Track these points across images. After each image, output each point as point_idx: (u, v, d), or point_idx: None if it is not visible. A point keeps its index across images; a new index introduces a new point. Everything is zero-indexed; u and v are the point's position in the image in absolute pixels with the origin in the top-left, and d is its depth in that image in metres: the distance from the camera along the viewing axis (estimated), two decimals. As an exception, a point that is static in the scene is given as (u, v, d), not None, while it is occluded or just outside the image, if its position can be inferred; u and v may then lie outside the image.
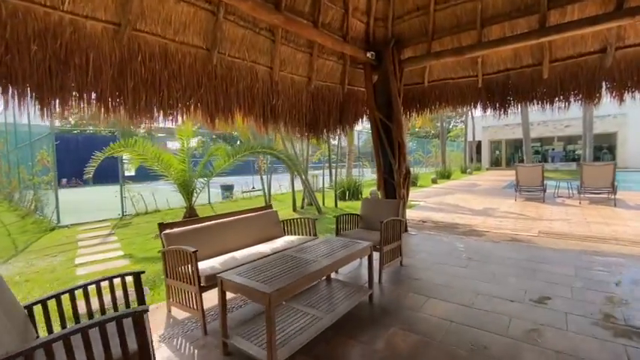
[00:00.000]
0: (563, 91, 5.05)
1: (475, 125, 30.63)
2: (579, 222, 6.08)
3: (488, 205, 8.53)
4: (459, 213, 7.59)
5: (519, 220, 6.51)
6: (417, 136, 43.10)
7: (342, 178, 11.89)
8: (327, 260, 2.57)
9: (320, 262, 2.52)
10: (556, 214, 6.97)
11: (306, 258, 2.62)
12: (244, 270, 2.38)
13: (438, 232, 5.80)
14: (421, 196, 11.18)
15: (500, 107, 5.64)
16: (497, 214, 7.22)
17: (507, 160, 31.00)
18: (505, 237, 5.26)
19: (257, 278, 2.21)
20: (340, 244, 3.02)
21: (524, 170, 9.19)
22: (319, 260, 2.56)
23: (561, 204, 8.26)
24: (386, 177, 5.69)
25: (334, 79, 5.67)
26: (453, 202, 9.30)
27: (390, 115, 5.58)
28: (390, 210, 4.06)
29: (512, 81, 5.40)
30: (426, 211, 7.95)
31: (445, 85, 6.06)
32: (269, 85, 4.56)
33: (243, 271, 2.35)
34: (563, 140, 28.20)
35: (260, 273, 2.31)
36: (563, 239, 4.99)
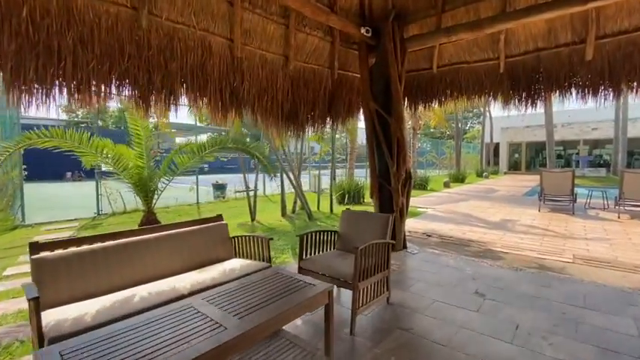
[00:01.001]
0: (613, 76, 3.89)
1: (493, 126, 28.97)
2: (623, 244, 4.87)
3: (507, 216, 7.35)
4: (471, 225, 6.46)
5: (546, 237, 5.34)
6: (431, 136, 41.65)
7: (342, 180, 10.87)
8: (239, 326, 1.57)
9: (227, 332, 1.53)
10: (591, 230, 5.75)
11: (212, 317, 1.64)
12: (94, 340, 1.42)
13: (444, 250, 4.72)
14: (430, 202, 10.03)
15: (527, 98, 4.51)
16: (517, 228, 6.05)
17: (527, 163, 29.17)
18: (529, 262, 4.15)
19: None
20: (282, 285, 2.03)
21: (550, 176, 7.94)
22: (228, 327, 1.57)
23: (595, 217, 6.99)
24: (381, 182, 4.66)
25: (320, 61, 4.67)
26: (466, 211, 8.14)
27: (388, 106, 4.54)
28: (376, 228, 3.04)
29: (544, 64, 4.27)
30: (433, 221, 6.85)
31: (458, 71, 4.96)
32: (229, 63, 3.60)
33: (92, 341, 1.40)
34: (589, 144, 26.22)
35: (113, 349, 1.35)
36: (608, 269, 3.84)
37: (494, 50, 4.52)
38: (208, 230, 3.03)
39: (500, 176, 24.93)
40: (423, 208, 8.64)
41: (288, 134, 4.56)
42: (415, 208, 8.65)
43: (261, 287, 2.04)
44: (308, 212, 7.30)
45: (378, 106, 4.58)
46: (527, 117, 28.29)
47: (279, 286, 2.01)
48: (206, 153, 4.90)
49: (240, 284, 2.11)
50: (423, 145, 34.30)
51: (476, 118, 42.22)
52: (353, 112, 5.46)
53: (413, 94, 5.49)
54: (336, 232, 3.29)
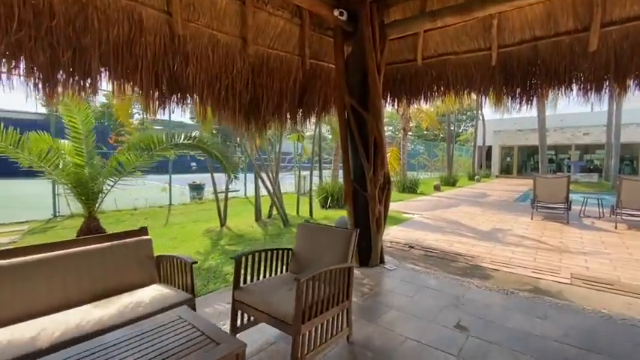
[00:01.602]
0: (619, 70, 3.37)
1: (486, 129, 28.74)
2: (623, 260, 4.37)
3: (498, 224, 6.84)
4: (460, 235, 5.92)
5: (540, 251, 4.82)
6: (425, 138, 41.44)
7: (326, 182, 10.29)
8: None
9: None
10: (588, 243, 5.25)
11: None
12: None
13: (426, 265, 4.16)
14: (418, 207, 9.50)
15: (522, 95, 3.97)
16: (509, 239, 5.53)
17: (519, 167, 28.99)
18: (522, 283, 3.60)
19: None
20: (177, 340, 1.42)
21: (544, 182, 7.46)
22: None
23: (591, 227, 6.52)
24: (356, 187, 4.08)
25: (288, 47, 4.07)
26: (455, 218, 7.61)
27: (365, 100, 3.96)
28: (337, 246, 2.45)
29: (542, 56, 3.73)
30: (418, 229, 6.30)
31: (446, 63, 4.40)
32: (167, 42, 2.98)
33: None
34: (580, 149, 26.11)
35: None
36: (610, 292, 3.31)
37: (486, 39, 3.97)
38: (125, 248, 2.40)
39: (492, 180, 24.64)
40: (409, 214, 8.10)
41: (249, 130, 3.95)
42: (401, 214, 8.11)
43: (154, 340, 1.43)
44: (283, 217, 6.69)
45: (353, 101, 4.00)
46: (519, 120, 28.16)
47: (173, 343, 1.40)
48: (156, 151, 4.26)
49: (130, 334, 1.50)
50: (416, 146, 34.02)
51: (469, 121, 42.13)
52: (329, 107, 4.87)
53: (396, 88, 4.92)
54: (290, 251, 2.69)
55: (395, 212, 8.37)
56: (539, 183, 7.50)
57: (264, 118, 3.96)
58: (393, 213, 8.19)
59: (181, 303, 2.00)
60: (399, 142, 14.51)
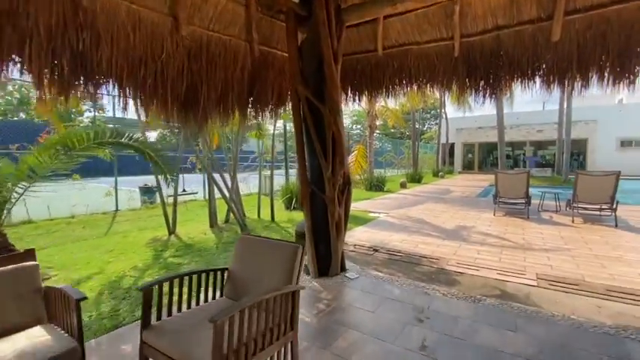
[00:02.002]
0: (581, 61, 3.23)
1: (449, 127, 29.71)
2: (585, 256, 4.35)
3: (462, 222, 6.76)
4: (425, 234, 5.72)
5: (505, 249, 4.70)
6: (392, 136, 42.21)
7: (293, 181, 9.82)
8: None
9: None
10: (549, 239, 5.25)
11: None
12: None
13: (390, 272, 3.85)
14: (385, 205, 9.32)
15: (486, 87, 3.77)
16: (474, 238, 5.41)
17: (480, 163, 30.30)
18: (489, 287, 3.39)
19: None
20: None
21: (505, 178, 7.52)
22: None
23: (550, 222, 6.63)
24: (313, 188, 3.67)
25: (232, 30, 3.55)
26: (421, 216, 7.48)
27: (321, 91, 3.56)
28: (279, 265, 2.01)
29: (505, 46, 3.53)
30: (383, 230, 6.04)
31: (407, 53, 4.11)
32: (68, 14, 2.37)
33: None
34: (534, 145, 27.75)
35: None
36: (577, 294, 3.18)
37: (448, 27, 3.71)
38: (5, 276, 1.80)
39: (455, 176, 25.45)
40: (375, 213, 7.86)
41: (187, 124, 3.40)
42: (367, 214, 7.86)
43: None
44: (240, 222, 6.14)
45: (308, 92, 3.57)
46: (479, 118, 29.37)
47: None
48: (76, 151, 3.57)
49: None
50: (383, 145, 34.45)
51: (433, 119, 43.46)
52: (285, 100, 4.42)
53: (356, 81, 4.57)
54: (226, 270, 2.21)
55: (361, 212, 8.11)
56: (500, 179, 7.56)
57: (205, 111, 3.43)
58: (359, 213, 7.93)
59: (59, 357, 1.47)
60: (367, 140, 14.38)
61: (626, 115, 24.10)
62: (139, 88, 2.90)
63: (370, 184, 13.59)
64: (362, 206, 9.04)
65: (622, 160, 23.74)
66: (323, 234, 3.66)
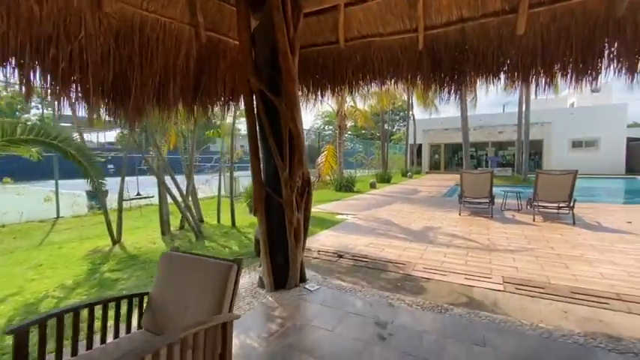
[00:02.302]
0: (545, 57, 3.13)
1: (417, 128, 30.43)
2: (548, 255, 4.33)
3: (429, 222, 6.68)
4: (392, 237, 5.53)
5: (471, 251, 4.60)
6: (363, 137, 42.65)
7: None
8: None
9: None
10: (513, 238, 5.24)
11: None
12: None
13: (354, 280, 3.57)
14: (353, 206, 9.11)
15: (451, 82, 3.60)
16: (440, 239, 5.28)
17: (445, 164, 31.32)
18: (456, 294, 3.20)
19: None
20: None
21: (470, 178, 7.56)
22: None
23: (513, 221, 6.71)
24: (269, 191, 3.29)
25: (173, 12, 3.10)
26: (388, 217, 7.32)
27: (276, 84, 3.20)
28: (208, 288, 1.63)
29: (470, 40, 3.37)
30: (350, 233, 5.78)
31: (371, 46, 3.85)
32: None
33: None
34: (496, 146, 29.11)
35: None
36: (544, 298, 3.06)
37: (412, 18, 3.50)
38: None
39: (422, 176, 26.04)
40: (343, 215, 7.61)
41: (117, 117, 2.90)
42: (334, 215, 7.58)
43: None
44: (195, 229, 5.61)
45: (262, 85, 3.20)
46: (445, 120, 30.35)
47: None
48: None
49: None
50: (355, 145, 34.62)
51: (402, 121, 44.46)
52: (240, 93, 4.01)
53: (318, 75, 4.26)
54: (146, 296, 1.79)
55: (329, 214, 7.82)
56: (465, 178, 7.59)
57: (139, 103, 2.95)
58: (326, 215, 7.64)
59: None
60: (336, 140, 14.18)
61: (576, 118, 25.91)
62: (48, 72, 2.39)
63: (340, 184, 13.40)
64: (330, 208, 8.77)
65: (573, 160, 25.49)
66: (280, 242, 3.30)
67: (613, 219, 6.67)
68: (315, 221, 6.85)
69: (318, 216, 7.50)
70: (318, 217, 7.32)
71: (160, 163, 5.82)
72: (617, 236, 5.25)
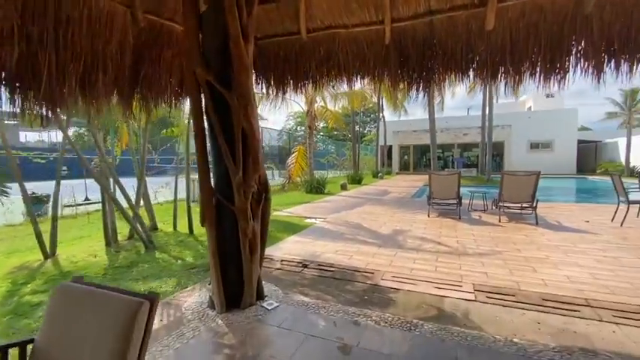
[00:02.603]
0: (514, 54, 3.00)
1: (387, 130, 30.86)
2: (515, 258, 4.27)
3: (399, 225, 6.53)
4: (361, 241, 5.29)
5: (440, 256, 4.44)
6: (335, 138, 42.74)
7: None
8: None
9: None
10: (481, 241, 5.18)
11: None
12: None
13: (318, 295, 3.24)
14: (323, 209, 8.82)
15: (419, 79, 3.39)
16: (409, 244, 5.11)
17: (414, 164, 32.05)
18: (426, 305, 2.97)
19: None
20: None
21: (438, 179, 7.53)
22: None
23: (480, 222, 6.73)
24: (220, 198, 2.89)
25: (99, -14, 2.62)
26: (358, 220, 7.10)
27: (227, 76, 2.81)
28: (108, 334, 1.22)
29: (438, 34, 3.18)
30: (318, 239, 5.46)
31: (335, 38, 3.56)
32: None
33: None
34: (461, 147, 30.22)
35: None
36: (515, 307, 2.91)
37: (378, 9, 3.25)
38: None
39: (393, 176, 26.40)
40: (312, 219, 7.28)
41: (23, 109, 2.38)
42: (302, 220, 7.24)
43: None
44: (145, 238, 5.03)
45: (210, 76, 2.79)
46: (414, 122, 31.05)
47: None
48: None
49: None
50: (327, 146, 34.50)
51: (373, 123, 45.13)
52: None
53: (280, 69, 3.91)
54: (30, 344, 1.35)
55: (297, 218, 7.47)
56: (434, 180, 7.55)
57: (54, 92, 2.44)
58: (294, 219, 7.28)
59: None
60: (306, 141, 13.85)
61: (534, 121, 27.48)
62: None
63: (311, 186, 13.09)
64: (299, 211, 8.42)
65: (531, 160, 26.98)
66: (233, 255, 2.90)
67: (571, 218, 6.89)
68: (282, 226, 6.48)
69: (286, 220, 7.13)
70: (285, 222, 6.94)
71: (102, 165, 5.17)
72: (577, 236, 5.36)
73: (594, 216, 7.09)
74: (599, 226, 6.11)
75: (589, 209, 8.16)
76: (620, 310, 2.78)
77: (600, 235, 5.36)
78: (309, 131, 13.21)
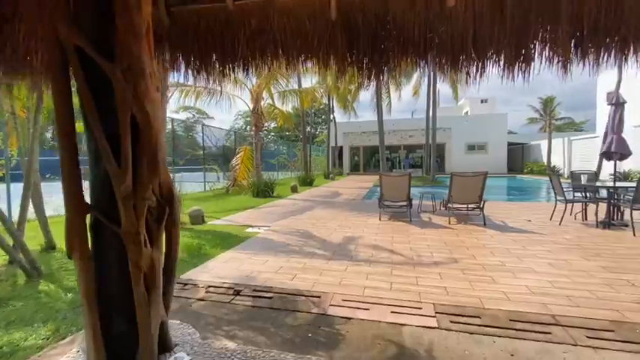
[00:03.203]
0: (477, 38, 2.59)
1: (338, 131, 30.89)
2: (472, 267, 3.97)
3: (350, 231, 6.04)
4: (308, 254, 4.65)
5: (395, 268, 3.98)
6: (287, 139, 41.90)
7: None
8: None
9: None
10: (435, 247, 4.87)
11: None
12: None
13: (248, 335, 2.50)
14: (270, 214, 8.03)
15: (371, 65, 2.84)
16: (362, 254, 4.60)
17: (364, 165, 32.56)
18: (383, 340, 2.41)
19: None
20: None
21: (389, 181, 7.22)
22: None
23: (431, 224, 6.53)
24: (97, 217, 2.01)
25: None
26: (307, 227, 6.47)
27: (108, 41, 1.94)
28: None
29: (393, 10, 2.64)
30: (258, 253, 4.70)
31: (268, 10, 2.85)
32: None
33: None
34: (407, 149, 31.43)
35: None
36: (482, 332, 2.49)
37: (321, -26, 2.63)
38: None
39: (344, 177, 26.42)
40: (255, 228, 6.47)
41: None
42: (244, 229, 6.40)
43: None
44: (24, 264, 3.81)
45: (81, 40, 1.91)
46: (363, 124, 31.53)
47: None
48: None
49: None
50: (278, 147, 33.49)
51: (325, 124, 45.26)
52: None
53: (201, 45, 3.08)
54: None
55: (238, 227, 6.59)
56: (384, 181, 7.22)
57: None
58: (234, 228, 6.41)
59: None
60: (253, 140, 12.89)
61: (470, 125, 29.54)
62: None
63: (257, 189, 12.17)
64: (241, 219, 7.53)
65: (469, 161, 28.96)
66: (120, 298, 2.05)
67: (513, 217, 7.03)
68: (218, 238, 5.58)
69: (224, 230, 6.22)
70: (222, 233, 6.04)
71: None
72: (525, 237, 5.33)
73: (533, 215, 7.34)
74: (541, 225, 6.25)
75: (526, 207, 8.53)
76: (590, 328, 2.49)
77: (545, 236, 5.40)
78: (255, 129, 12.27)
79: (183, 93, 11.06)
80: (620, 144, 6.02)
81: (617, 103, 6.04)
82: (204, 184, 14.93)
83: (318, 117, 53.64)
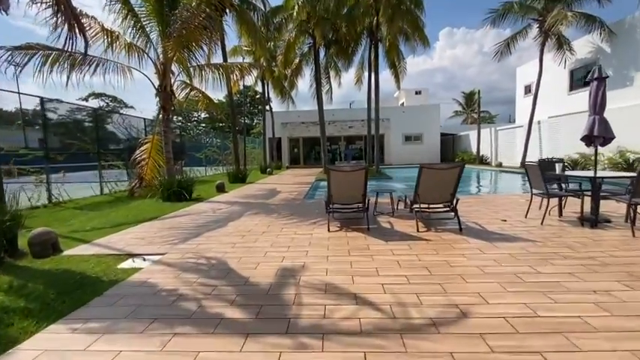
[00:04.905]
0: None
1: (275, 121, 28.57)
2: (492, 324, 2.36)
3: (288, 254, 4.11)
4: (209, 323, 2.58)
5: (370, 350, 2.16)
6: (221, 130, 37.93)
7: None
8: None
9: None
10: (416, 279, 3.22)
11: None
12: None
13: None
14: (174, 230, 5.64)
15: None
16: (305, 314, 2.71)
17: (304, 158, 30.88)
18: None
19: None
20: None
21: (340, 178, 5.42)
22: None
23: (395, 233, 4.94)
24: None
25: None
26: (223, 252, 4.35)
27: None
28: None
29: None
30: (107, 336, 2.48)
31: None
32: None
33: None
34: (347, 140, 30.53)
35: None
36: None
37: None
38: None
39: (283, 171, 24.33)
40: (138, 260, 4.12)
41: None
42: (120, 261, 4.00)
43: None
44: None
45: None
46: (302, 114, 29.68)
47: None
48: None
49: None
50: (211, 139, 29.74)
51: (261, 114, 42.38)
52: None
53: None
54: None
55: (112, 257, 4.16)
56: (334, 178, 5.42)
57: None
58: (101, 262, 3.98)
59: None
60: (160, 127, 10.03)
61: (407, 116, 29.74)
62: None
63: (169, 191, 9.45)
64: (124, 241, 5.03)
65: (406, 151, 29.20)
66: None
67: (485, 216, 5.86)
68: (55, 290, 3.15)
69: (80, 269, 3.76)
70: (74, 274, 3.59)
71: None
72: (521, 250, 4.00)
73: (503, 211, 6.30)
74: (521, 226, 5.11)
75: (490, 202, 7.56)
76: None
77: (541, 245, 4.16)
78: (163, 113, 9.46)
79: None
80: (603, 126, 5.11)
81: (600, 78, 5.11)
82: (100, 185, 11.55)
83: (254, 107, 50.17)
